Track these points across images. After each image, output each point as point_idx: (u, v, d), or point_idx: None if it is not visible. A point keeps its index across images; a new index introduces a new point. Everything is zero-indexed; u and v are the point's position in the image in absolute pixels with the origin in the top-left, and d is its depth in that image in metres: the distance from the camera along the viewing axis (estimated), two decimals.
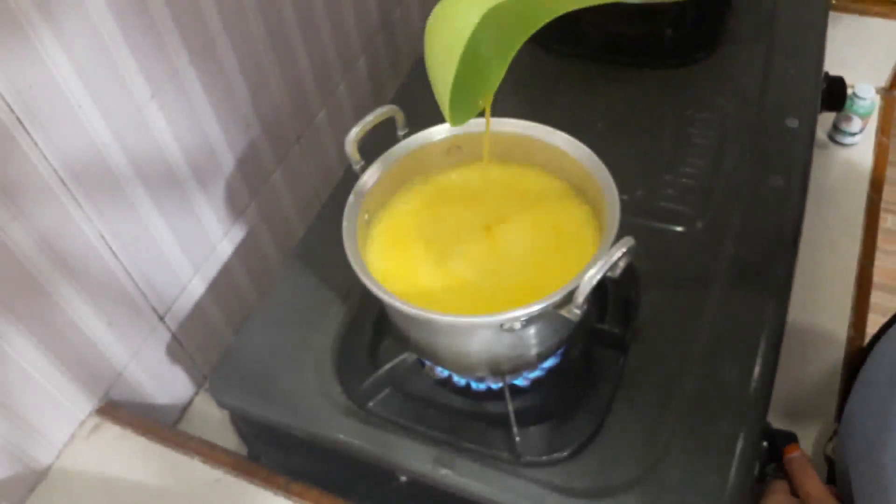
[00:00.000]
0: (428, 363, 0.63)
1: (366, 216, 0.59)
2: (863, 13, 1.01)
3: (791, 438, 0.61)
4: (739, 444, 0.56)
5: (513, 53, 0.50)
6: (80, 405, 0.67)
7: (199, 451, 0.64)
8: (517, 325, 0.51)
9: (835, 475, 0.61)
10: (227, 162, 0.76)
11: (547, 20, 0.49)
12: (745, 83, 0.83)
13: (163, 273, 0.71)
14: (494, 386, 0.61)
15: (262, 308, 0.69)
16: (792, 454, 0.59)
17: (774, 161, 0.75)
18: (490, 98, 0.53)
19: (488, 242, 0.60)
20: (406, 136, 0.61)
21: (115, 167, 0.62)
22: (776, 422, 0.63)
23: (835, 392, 0.73)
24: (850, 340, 0.77)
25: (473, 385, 0.62)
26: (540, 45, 0.90)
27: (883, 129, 0.97)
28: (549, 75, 0.88)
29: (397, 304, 0.51)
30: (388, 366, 0.62)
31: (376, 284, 0.52)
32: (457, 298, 0.57)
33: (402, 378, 0.63)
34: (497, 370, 0.58)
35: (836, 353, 0.76)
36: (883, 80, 1.00)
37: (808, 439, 0.69)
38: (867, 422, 0.53)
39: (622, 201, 0.54)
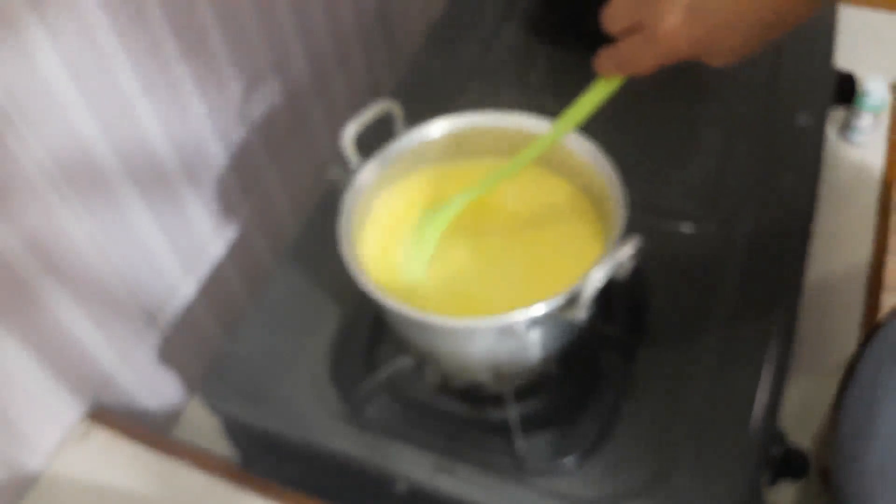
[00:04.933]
0: (427, 367, 0.62)
1: (363, 215, 0.58)
2: (874, 6, 1.00)
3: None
4: (749, 451, 0.56)
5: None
6: (70, 410, 0.66)
7: (192, 458, 0.64)
8: (520, 329, 0.50)
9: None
10: (220, 160, 0.75)
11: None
12: (754, 79, 0.82)
13: (153, 274, 0.71)
14: (496, 391, 0.60)
15: (255, 310, 0.69)
16: None
17: (784, 159, 0.74)
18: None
19: (490, 242, 0.59)
20: (404, 131, 0.60)
21: (104, 165, 0.62)
22: (786, 426, 0.62)
23: None
24: (861, 342, 0.75)
25: (474, 389, 0.61)
26: (543, 37, 0.89)
27: (895, 126, 0.95)
28: (552, 69, 0.87)
29: (395, 307, 0.50)
30: (385, 370, 0.61)
31: (373, 286, 0.51)
32: (457, 301, 0.56)
33: (400, 383, 0.62)
34: (499, 375, 0.57)
35: (846, 356, 0.74)
36: (895, 75, 0.99)
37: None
38: (853, 427, 0.54)
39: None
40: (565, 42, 0.89)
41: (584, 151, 0.58)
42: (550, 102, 0.63)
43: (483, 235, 0.59)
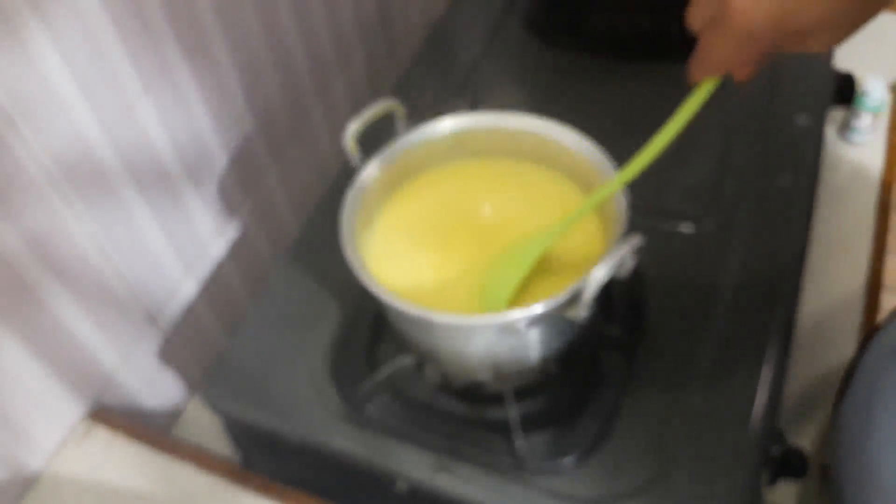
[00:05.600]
0: (427, 367, 0.62)
1: (364, 213, 0.58)
2: None
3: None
4: (749, 451, 0.56)
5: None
6: (71, 409, 0.66)
7: (193, 458, 0.64)
8: (521, 327, 0.50)
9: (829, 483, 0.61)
10: (221, 159, 0.75)
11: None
12: (754, 79, 0.81)
13: (154, 273, 0.71)
14: (496, 390, 0.60)
15: (256, 310, 0.69)
16: None
17: (783, 159, 0.74)
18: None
19: (492, 241, 0.58)
20: (406, 130, 0.60)
21: (105, 165, 0.62)
22: (786, 426, 0.63)
23: None
24: (860, 344, 0.76)
25: (474, 389, 0.61)
26: (544, 39, 0.89)
27: (894, 127, 0.95)
28: (553, 70, 0.87)
29: (397, 304, 0.50)
30: (385, 370, 0.61)
31: (375, 283, 0.51)
32: (458, 299, 0.56)
33: (401, 382, 0.62)
34: (499, 374, 0.57)
35: (845, 357, 0.75)
36: (894, 76, 0.98)
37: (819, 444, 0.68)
38: (852, 428, 0.54)
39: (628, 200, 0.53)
40: (565, 42, 0.89)
41: (585, 151, 0.58)
42: (550, 102, 0.63)
43: (485, 234, 0.59)
